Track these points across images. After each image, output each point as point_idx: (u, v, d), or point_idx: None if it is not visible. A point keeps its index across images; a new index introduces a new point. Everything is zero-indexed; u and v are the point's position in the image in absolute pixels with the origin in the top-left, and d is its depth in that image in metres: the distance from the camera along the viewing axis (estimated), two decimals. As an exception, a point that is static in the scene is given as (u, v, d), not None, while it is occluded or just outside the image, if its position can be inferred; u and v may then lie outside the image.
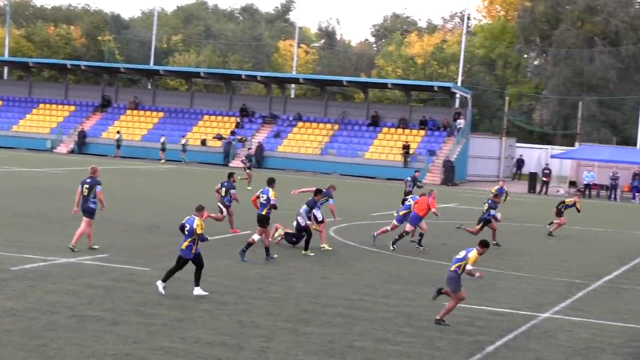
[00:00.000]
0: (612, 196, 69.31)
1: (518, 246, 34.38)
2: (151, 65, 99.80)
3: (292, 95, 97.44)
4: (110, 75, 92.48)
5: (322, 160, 75.85)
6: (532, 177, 72.64)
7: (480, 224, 33.59)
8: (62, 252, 24.84)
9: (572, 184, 73.79)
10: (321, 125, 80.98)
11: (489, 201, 34.16)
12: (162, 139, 76.38)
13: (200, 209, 20.72)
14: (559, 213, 38.65)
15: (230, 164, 76.70)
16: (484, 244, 19.27)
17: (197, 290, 20.31)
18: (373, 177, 72.00)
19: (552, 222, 38.83)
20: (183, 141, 76.51)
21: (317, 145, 77.64)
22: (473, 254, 18.94)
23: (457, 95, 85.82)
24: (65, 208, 35.02)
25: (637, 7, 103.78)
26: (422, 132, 78.51)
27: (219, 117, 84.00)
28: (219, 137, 79.68)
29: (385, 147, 76.44)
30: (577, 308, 22.05)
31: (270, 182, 27.26)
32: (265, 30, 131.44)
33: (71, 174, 55.59)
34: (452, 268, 19.01)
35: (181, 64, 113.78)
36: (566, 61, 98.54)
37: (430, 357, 16.46)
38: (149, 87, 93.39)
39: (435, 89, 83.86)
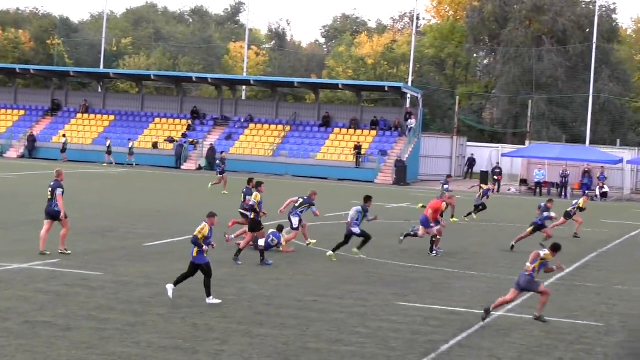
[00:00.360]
0: (563, 194, 69.82)
1: (471, 245, 34.54)
2: (101, 69, 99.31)
3: (243, 97, 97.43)
4: (59, 79, 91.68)
5: (274, 162, 75.75)
6: (484, 175, 72.89)
7: (532, 228, 33.91)
8: (13, 257, 24.57)
9: (523, 182, 74.36)
10: (273, 126, 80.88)
11: (542, 205, 34.51)
12: (108, 142, 75.93)
13: (211, 216, 20.64)
14: (569, 215, 38.86)
15: (183, 167, 76.52)
16: (555, 248, 19.82)
17: (210, 300, 20.13)
18: (325, 178, 72.02)
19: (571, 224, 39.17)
20: (130, 144, 75.88)
21: (269, 146, 77.55)
22: (545, 253, 19.61)
23: (408, 95, 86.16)
24: (16, 213, 34.75)
25: (583, 6, 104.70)
26: (374, 133, 78.69)
27: (170, 120, 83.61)
28: (171, 140, 79.32)
29: (337, 147, 76.52)
30: (530, 306, 22.13)
31: (256, 186, 28.09)
32: (215, 32, 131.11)
33: (21, 179, 55.11)
34: (527, 273, 19.59)
35: (131, 66, 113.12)
36: (515, 60, 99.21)
37: (385, 357, 16.46)
38: (99, 90, 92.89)
39: (386, 89, 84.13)
